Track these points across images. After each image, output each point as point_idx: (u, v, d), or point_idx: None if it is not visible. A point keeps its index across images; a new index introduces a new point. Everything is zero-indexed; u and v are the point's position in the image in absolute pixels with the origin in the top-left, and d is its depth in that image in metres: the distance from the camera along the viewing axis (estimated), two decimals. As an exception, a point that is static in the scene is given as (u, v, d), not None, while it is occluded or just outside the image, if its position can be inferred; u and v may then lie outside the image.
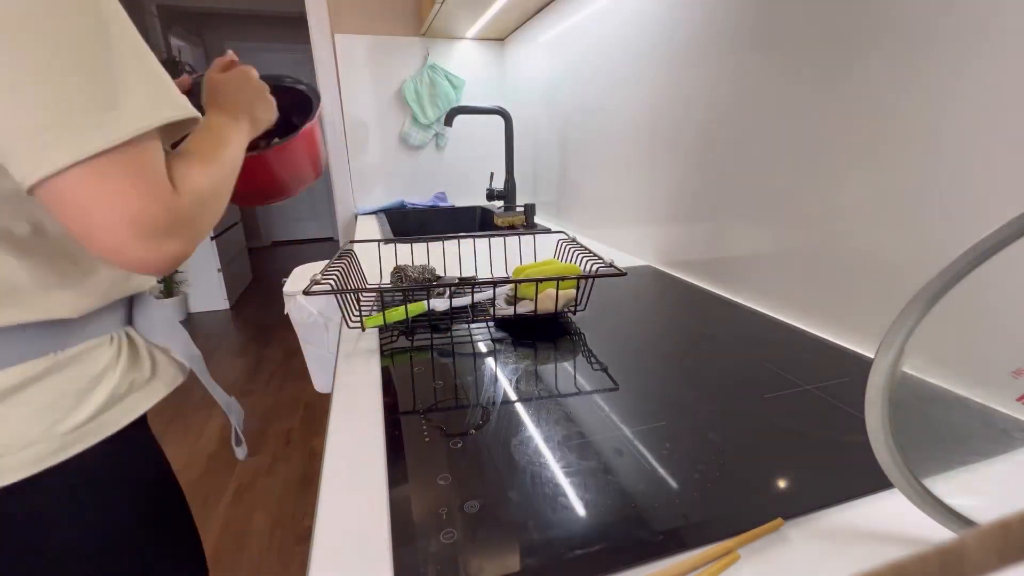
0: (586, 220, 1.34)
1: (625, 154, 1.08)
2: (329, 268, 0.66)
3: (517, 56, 1.73)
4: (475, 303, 0.72)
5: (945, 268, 0.26)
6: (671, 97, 0.89)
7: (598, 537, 0.31)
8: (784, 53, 0.65)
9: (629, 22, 0.99)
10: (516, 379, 0.53)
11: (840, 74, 0.58)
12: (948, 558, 0.10)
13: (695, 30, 0.81)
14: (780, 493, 0.36)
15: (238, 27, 4.22)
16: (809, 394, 0.49)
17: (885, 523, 0.33)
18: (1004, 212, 0.45)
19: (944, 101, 0.48)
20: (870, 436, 0.31)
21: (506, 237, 0.91)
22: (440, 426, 0.44)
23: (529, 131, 1.68)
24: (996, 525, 0.10)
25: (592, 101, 1.20)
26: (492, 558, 0.30)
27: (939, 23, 0.47)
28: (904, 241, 0.53)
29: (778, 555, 0.31)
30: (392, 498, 0.35)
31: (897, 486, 0.32)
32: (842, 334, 0.62)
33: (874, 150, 0.55)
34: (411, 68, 1.82)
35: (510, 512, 0.34)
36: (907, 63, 0.51)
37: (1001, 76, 0.43)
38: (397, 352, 0.60)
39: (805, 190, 0.64)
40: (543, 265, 0.74)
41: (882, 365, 0.29)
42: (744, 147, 0.74)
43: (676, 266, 0.94)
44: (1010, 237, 0.24)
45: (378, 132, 1.87)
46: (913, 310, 0.28)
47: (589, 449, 0.40)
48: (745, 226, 0.75)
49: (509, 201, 1.56)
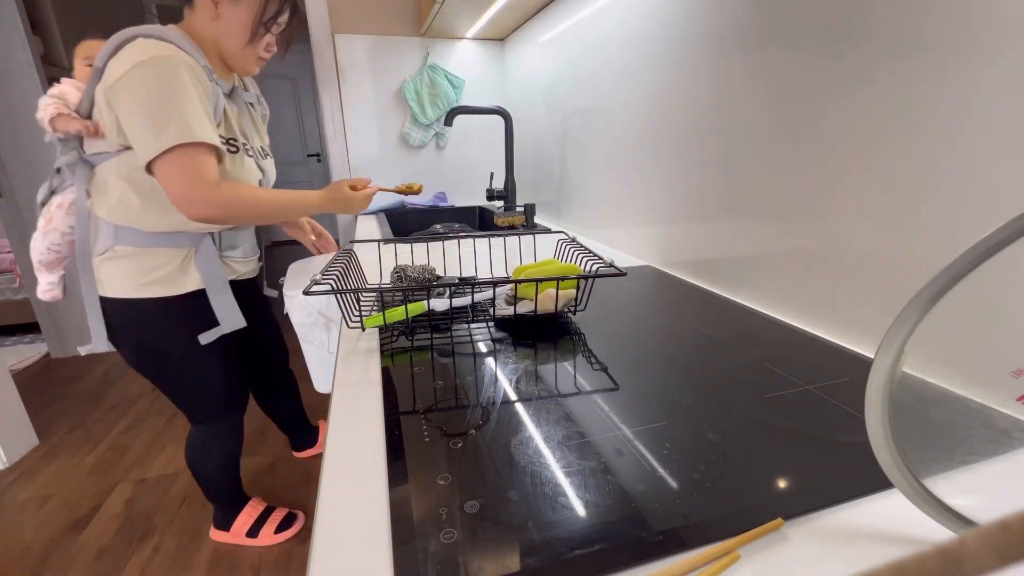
0: (586, 220, 1.34)
1: (625, 154, 1.08)
2: (329, 268, 0.66)
3: (517, 56, 1.73)
4: (475, 303, 0.72)
5: (945, 268, 0.26)
6: (671, 97, 0.89)
7: (598, 537, 0.31)
8: (784, 54, 0.65)
9: (629, 22, 0.99)
10: (516, 379, 0.53)
11: (840, 75, 0.58)
12: (948, 558, 0.10)
13: (695, 30, 0.81)
14: (780, 493, 0.36)
15: (238, 27, 4.22)
16: (809, 394, 0.49)
17: (885, 523, 0.33)
18: (1004, 212, 0.45)
19: (944, 102, 0.48)
20: (870, 436, 0.31)
21: (506, 237, 0.91)
22: (440, 426, 0.44)
23: (529, 131, 1.68)
24: (996, 525, 0.10)
25: (592, 101, 1.20)
26: (492, 558, 0.30)
27: (941, 25, 0.47)
28: (904, 241, 0.53)
29: (778, 555, 0.31)
30: (392, 498, 0.35)
31: (897, 486, 0.32)
32: (842, 334, 0.62)
33: (874, 150, 0.55)
34: (411, 68, 1.82)
35: (510, 512, 0.34)
36: (908, 64, 0.51)
37: (1001, 76, 0.43)
38: (397, 352, 0.60)
39: (805, 190, 0.64)
40: (543, 265, 0.74)
41: (882, 365, 0.29)
42: (744, 147, 0.74)
43: (676, 266, 0.94)
44: (1010, 237, 0.24)
45: (378, 132, 1.87)
46: (913, 310, 0.28)
47: (589, 449, 0.40)
48: (745, 226, 0.75)
49: (509, 201, 1.56)
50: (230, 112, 0.90)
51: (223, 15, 0.84)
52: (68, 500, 1.43)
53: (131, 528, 1.32)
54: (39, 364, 2.34)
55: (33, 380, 2.18)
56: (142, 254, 0.87)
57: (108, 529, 1.32)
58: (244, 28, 0.85)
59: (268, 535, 1.25)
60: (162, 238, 0.87)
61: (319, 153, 4.49)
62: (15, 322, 2.65)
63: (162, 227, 0.87)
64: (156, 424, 1.81)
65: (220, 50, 0.87)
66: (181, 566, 1.20)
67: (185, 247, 0.90)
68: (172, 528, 1.31)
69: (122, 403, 1.96)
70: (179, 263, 0.90)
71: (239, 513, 1.24)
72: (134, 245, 0.86)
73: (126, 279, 0.87)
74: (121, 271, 0.87)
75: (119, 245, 0.86)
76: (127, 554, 1.23)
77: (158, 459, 1.61)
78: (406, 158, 1.94)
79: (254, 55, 0.89)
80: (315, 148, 4.49)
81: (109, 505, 1.40)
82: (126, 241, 0.86)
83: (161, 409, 1.91)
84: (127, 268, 0.87)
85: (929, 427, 0.34)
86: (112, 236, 0.86)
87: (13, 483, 1.51)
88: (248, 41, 0.86)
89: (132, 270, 0.87)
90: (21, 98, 2.07)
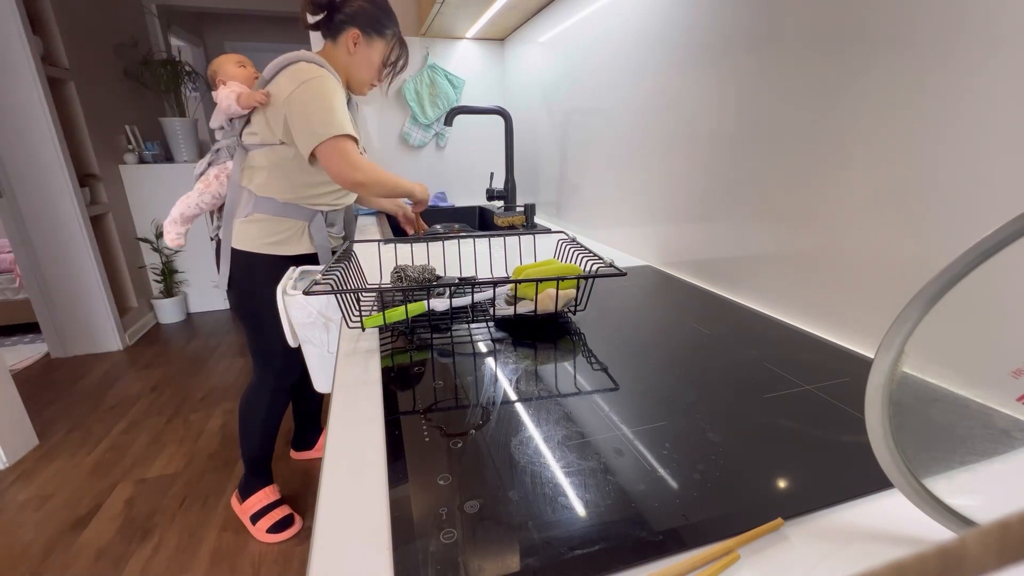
0: (586, 220, 1.34)
1: (626, 154, 1.08)
2: (329, 268, 0.66)
3: (517, 56, 1.73)
4: (475, 303, 0.72)
5: (945, 268, 0.26)
6: (671, 97, 0.89)
7: (598, 537, 0.31)
8: (784, 55, 0.65)
9: (629, 22, 0.99)
10: (516, 379, 0.53)
11: (841, 75, 0.58)
12: (948, 558, 0.10)
13: (695, 30, 0.81)
14: (780, 493, 0.36)
15: (238, 27, 4.22)
16: (809, 394, 0.49)
17: (885, 523, 0.33)
18: (1004, 212, 0.45)
19: (944, 102, 0.48)
20: (870, 436, 0.31)
21: (506, 237, 0.91)
22: (440, 426, 0.44)
23: (529, 131, 1.68)
24: (996, 525, 0.10)
25: (592, 101, 1.20)
26: (492, 558, 0.30)
27: (941, 26, 0.47)
28: (904, 241, 0.53)
29: (778, 555, 0.31)
30: (392, 498, 0.35)
31: (897, 486, 0.32)
32: (842, 334, 0.62)
33: (874, 150, 0.55)
34: (411, 68, 1.82)
35: (510, 512, 0.34)
36: (907, 65, 0.51)
37: (1000, 77, 0.43)
38: (397, 352, 0.60)
39: (806, 190, 0.64)
40: (543, 265, 0.74)
41: (882, 365, 0.29)
42: (744, 147, 0.74)
43: (676, 266, 0.94)
44: (1010, 237, 0.24)
45: (378, 132, 1.87)
46: (913, 310, 0.28)
47: (589, 449, 0.40)
48: (745, 226, 0.75)
49: (509, 201, 1.56)
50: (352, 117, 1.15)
51: (358, 53, 1.11)
52: (68, 500, 1.43)
53: (131, 528, 1.32)
54: (39, 364, 2.34)
55: (33, 380, 2.18)
56: (273, 220, 1.12)
57: (108, 529, 1.32)
58: (370, 64, 1.13)
59: (262, 531, 1.28)
60: (289, 209, 1.12)
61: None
62: (15, 322, 2.65)
63: (291, 199, 1.11)
64: (156, 424, 1.81)
65: (348, 74, 1.14)
66: (181, 566, 1.20)
67: (304, 220, 1.14)
68: (172, 528, 1.31)
69: (122, 403, 1.96)
70: (298, 231, 1.14)
71: (259, 489, 1.32)
72: (268, 213, 1.11)
73: (257, 237, 1.12)
74: (256, 231, 1.12)
75: (257, 212, 1.11)
76: (127, 554, 1.23)
77: (158, 459, 1.61)
78: (406, 158, 1.94)
79: (369, 83, 1.17)
80: (315, 148, 4.48)
81: (109, 505, 1.40)
82: (263, 209, 1.11)
83: (161, 409, 1.91)
84: (261, 229, 1.12)
85: (929, 427, 0.34)
86: (253, 204, 1.10)
87: (13, 483, 1.51)
88: (371, 74, 1.15)
89: (264, 231, 1.12)
90: (21, 98, 2.08)
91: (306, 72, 1.02)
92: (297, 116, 1.02)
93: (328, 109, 1.01)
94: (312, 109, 1.01)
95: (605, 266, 0.69)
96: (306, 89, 1.01)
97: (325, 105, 1.01)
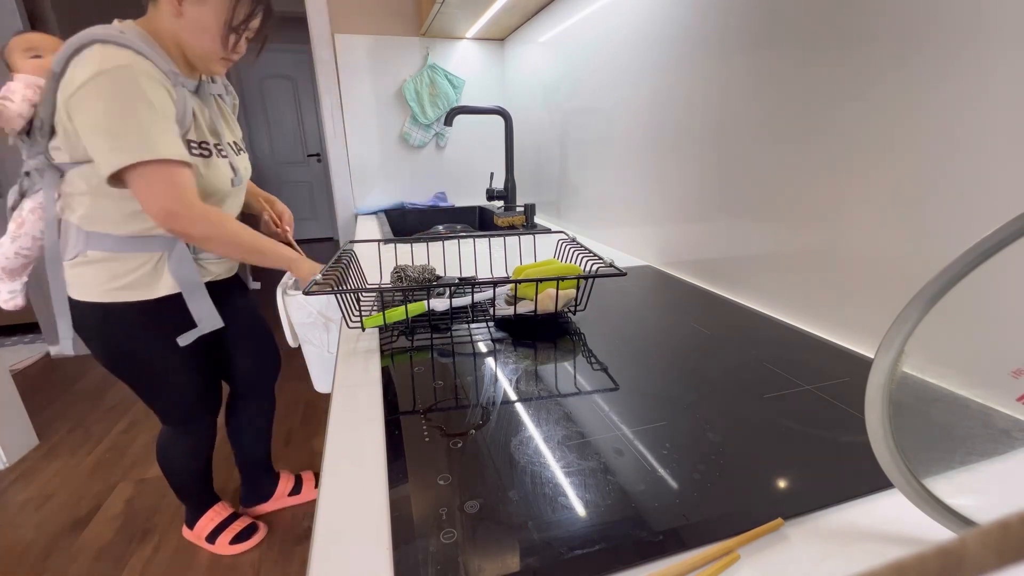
0: (586, 220, 1.34)
1: (626, 154, 1.08)
2: (329, 268, 0.66)
3: (517, 56, 1.73)
4: (475, 303, 0.72)
5: (945, 268, 0.26)
6: (672, 97, 0.89)
7: (598, 537, 0.31)
8: (784, 55, 0.65)
9: (629, 22, 0.99)
10: (516, 379, 0.53)
11: (841, 76, 0.58)
12: (948, 558, 0.10)
13: (695, 30, 0.81)
14: (780, 493, 0.36)
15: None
16: (809, 394, 0.49)
17: (885, 523, 0.33)
18: (1004, 212, 0.45)
19: (944, 103, 0.48)
20: (870, 436, 0.31)
21: (506, 237, 0.91)
22: (440, 426, 0.44)
23: (529, 131, 1.68)
24: (996, 525, 0.10)
25: (592, 101, 1.20)
26: (492, 558, 0.30)
27: (943, 27, 0.47)
28: (904, 241, 0.53)
29: (778, 555, 0.31)
30: (392, 498, 0.35)
31: (897, 486, 0.32)
32: (842, 334, 0.62)
33: (875, 151, 0.55)
34: (411, 68, 1.82)
35: (510, 512, 0.34)
36: (910, 66, 0.51)
37: (1001, 77, 0.43)
38: (397, 352, 0.60)
39: (806, 190, 0.64)
40: (543, 265, 0.74)
41: (882, 365, 0.29)
42: (745, 147, 0.74)
43: (676, 266, 0.94)
44: (1010, 237, 0.24)
45: (378, 132, 1.87)
46: (913, 310, 0.28)
47: (589, 449, 0.40)
48: (746, 226, 0.75)
49: (509, 201, 1.56)
50: (199, 112, 0.87)
51: (186, 14, 0.79)
52: (68, 500, 1.43)
53: (131, 528, 1.32)
54: (39, 364, 2.34)
55: (33, 380, 2.18)
56: (114, 259, 0.85)
57: (108, 529, 1.32)
58: (207, 29, 0.80)
59: (224, 544, 1.22)
60: (134, 243, 0.85)
61: (319, 153, 4.49)
62: (15, 322, 2.65)
63: (134, 232, 0.85)
64: (156, 424, 1.81)
65: (183, 49, 0.83)
66: (181, 566, 1.20)
67: (158, 251, 0.88)
68: (172, 528, 1.31)
69: (122, 403, 1.96)
70: (152, 267, 0.88)
71: (204, 512, 1.23)
72: (105, 250, 0.85)
73: (98, 283, 0.86)
74: (93, 276, 0.86)
75: (91, 250, 0.84)
76: (127, 554, 1.23)
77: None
78: (406, 158, 1.93)
79: (218, 56, 0.84)
80: (315, 148, 4.49)
81: (109, 505, 1.40)
82: (97, 246, 0.84)
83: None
84: (99, 273, 0.86)
85: (929, 427, 0.34)
86: (83, 241, 0.84)
87: (13, 483, 1.51)
88: (214, 44, 0.82)
89: (104, 275, 0.86)
90: (21, 98, 2.07)
91: (97, 61, 0.72)
92: (85, 128, 0.74)
93: (125, 119, 0.72)
94: (101, 119, 0.72)
95: (605, 266, 0.69)
96: (93, 88, 0.71)
97: (123, 112, 0.72)
